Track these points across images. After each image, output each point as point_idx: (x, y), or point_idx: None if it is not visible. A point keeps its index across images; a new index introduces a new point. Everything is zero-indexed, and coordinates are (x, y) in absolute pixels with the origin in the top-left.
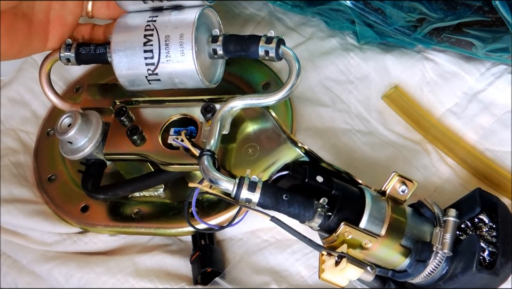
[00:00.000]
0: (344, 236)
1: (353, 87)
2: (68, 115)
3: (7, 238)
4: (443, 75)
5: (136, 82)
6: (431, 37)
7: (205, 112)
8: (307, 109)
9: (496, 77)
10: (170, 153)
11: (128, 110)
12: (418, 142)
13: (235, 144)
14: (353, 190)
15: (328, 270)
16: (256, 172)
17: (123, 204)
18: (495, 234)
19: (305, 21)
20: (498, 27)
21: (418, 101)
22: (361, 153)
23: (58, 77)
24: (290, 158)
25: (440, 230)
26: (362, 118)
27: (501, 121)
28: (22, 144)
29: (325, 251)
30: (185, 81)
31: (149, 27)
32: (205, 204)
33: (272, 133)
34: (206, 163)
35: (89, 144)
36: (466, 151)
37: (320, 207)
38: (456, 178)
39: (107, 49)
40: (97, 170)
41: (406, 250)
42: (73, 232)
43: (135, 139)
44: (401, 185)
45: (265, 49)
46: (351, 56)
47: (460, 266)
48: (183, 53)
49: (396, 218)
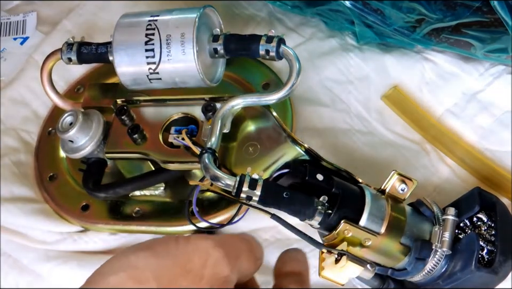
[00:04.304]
0: (344, 234)
1: (353, 87)
2: (69, 114)
3: (7, 237)
4: (442, 76)
5: (137, 81)
6: (430, 37)
7: (206, 111)
8: (307, 109)
9: (495, 77)
10: (171, 152)
11: (129, 109)
12: (417, 142)
13: (236, 142)
14: (353, 188)
15: (328, 268)
16: (257, 170)
17: (123, 203)
18: (494, 233)
19: (305, 22)
20: (497, 28)
21: (417, 101)
22: (361, 153)
23: (59, 77)
24: (291, 157)
25: (439, 229)
26: (362, 118)
27: (500, 121)
28: (23, 143)
29: (325, 249)
30: (186, 80)
31: (150, 26)
32: (206, 203)
33: (272, 131)
34: (207, 161)
35: (90, 143)
36: (466, 151)
37: (320, 205)
38: (455, 178)
39: (108, 48)
40: (98, 169)
41: (406, 248)
42: (73, 231)
43: (136, 138)
44: (401, 183)
45: (265, 49)
46: (351, 57)
47: (459, 264)
48: (184, 52)
49: (396, 217)
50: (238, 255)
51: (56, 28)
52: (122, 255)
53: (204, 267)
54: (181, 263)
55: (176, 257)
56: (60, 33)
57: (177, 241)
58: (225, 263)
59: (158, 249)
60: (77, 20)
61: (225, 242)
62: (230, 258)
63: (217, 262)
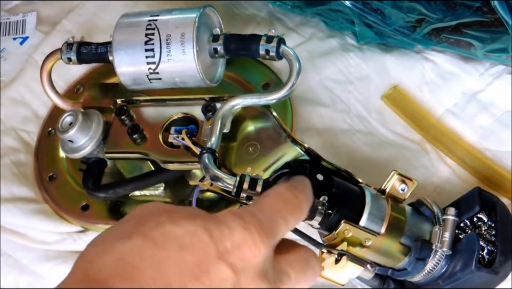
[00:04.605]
0: (344, 234)
1: (353, 87)
2: (69, 114)
3: (7, 237)
4: (442, 76)
5: (137, 81)
6: (430, 37)
7: (206, 111)
8: (307, 109)
9: (495, 77)
10: (171, 152)
11: (129, 109)
12: (417, 142)
13: (236, 142)
14: (353, 188)
15: (328, 268)
16: (257, 170)
17: (123, 203)
18: (494, 233)
19: (305, 22)
20: (497, 28)
21: (417, 101)
22: (360, 153)
23: (59, 77)
24: (291, 157)
25: (439, 229)
26: (362, 118)
27: (500, 121)
28: (23, 143)
29: (325, 249)
30: (186, 80)
31: (150, 26)
32: (206, 203)
33: (272, 131)
34: (207, 161)
35: (90, 143)
36: (466, 151)
37: (320, 205)
38: (455, 178)
39: (108, 48)
40: (98, 169)
41: (406, 248)
42: (73, 231)
43: (135, 138)
44: (401, 183)
45: (265, 48)
46: (351, 57)
47: (459, 264)
48: (184, 52)
49: (396, 217)
50: (272, 227)
51: (56, 28)
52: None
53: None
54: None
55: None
56: (60, 33)
57: (209, 231)
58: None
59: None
60: (76, 20)
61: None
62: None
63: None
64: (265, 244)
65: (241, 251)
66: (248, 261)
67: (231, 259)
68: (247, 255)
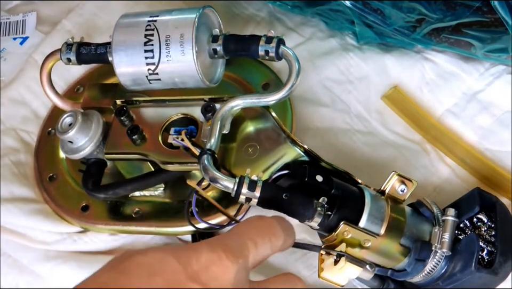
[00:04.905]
0: (344, 235)
1: (353, 87)
2: (69, 115)
3: (7, 237)
4: (442, 76)
5: (137, 81)
6: (430, 37)
7: (205, 111)
8: (307, 109)
9: (495, 77)
10: (171, 153)
11: (128, 110)
12: (417, 142)
13: (235, 143)
14: (353, 189)
15: (328, 269)
16: (256, 171)
17: (123, 203)
18: (494, 233)
19: (305, 21)
20: (497, 28)
21: (417, 101)
22: (360, 153)
23: (58, 77)
24: (290, 157)
25: (439, 229)
26: (362, 118)
27: (500, 121)
28: (23, 144)
29: (324, 250)
30: (185, 81)
31: (150, 27)
32: (205, 203)
33: (272, 132)
34: (206, 162)
35: (89, 144)
36: (466, 151)
37: (320, 206)
38: (455, 178)
39: (108, 48)
40: (97, 170)
41: (405, 249)
42: (73, 231)
43: (135, 138)
44: (401, 184)
45: (265, 49)
46: (351, 57)
47: (459, 265)
48: (184, 53)
49: (395, 218)
50: (246, 253)
51: (55, 28)
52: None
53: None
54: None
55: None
56: (60, 33)
57: (177, 256)
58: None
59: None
60: (76, 20)
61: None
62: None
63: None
64: (233, 262)
65: (210, 270)
66: (219, 278)
67: (203, 279)
68: (216, 273)
